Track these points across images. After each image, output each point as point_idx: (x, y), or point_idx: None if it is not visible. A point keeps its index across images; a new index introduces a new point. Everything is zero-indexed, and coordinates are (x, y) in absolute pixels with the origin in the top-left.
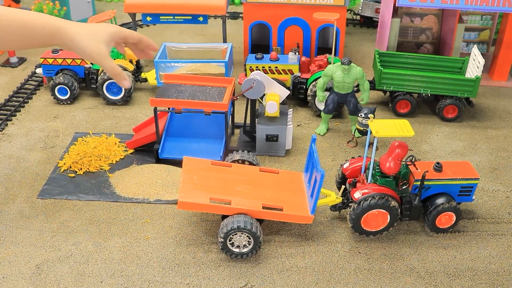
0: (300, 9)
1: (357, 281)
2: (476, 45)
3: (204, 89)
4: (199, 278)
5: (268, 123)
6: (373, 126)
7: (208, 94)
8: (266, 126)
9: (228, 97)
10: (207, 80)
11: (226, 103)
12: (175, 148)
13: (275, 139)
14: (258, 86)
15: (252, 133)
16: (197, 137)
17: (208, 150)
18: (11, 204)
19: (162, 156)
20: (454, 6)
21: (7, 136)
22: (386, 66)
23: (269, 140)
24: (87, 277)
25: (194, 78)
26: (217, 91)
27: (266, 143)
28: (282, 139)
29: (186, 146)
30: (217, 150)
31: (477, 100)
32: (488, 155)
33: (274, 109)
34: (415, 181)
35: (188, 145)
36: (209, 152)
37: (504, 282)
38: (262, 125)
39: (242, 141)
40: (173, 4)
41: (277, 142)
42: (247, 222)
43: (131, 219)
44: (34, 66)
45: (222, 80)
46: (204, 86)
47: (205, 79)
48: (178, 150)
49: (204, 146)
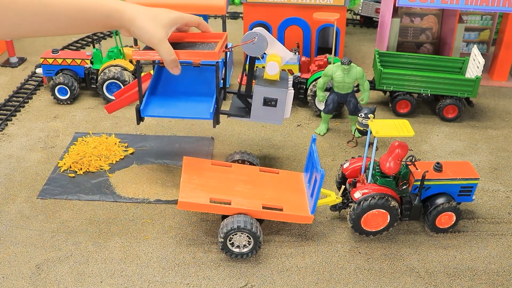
0: (300, 9)
1: (357, 281)
2: (476, 45)
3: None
4: (199, 278)
5: (267, 85)
6: (373, 126)
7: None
8: (264, 88)
9: (220, 47)
10: (197, 36)
11: (217, 51)
12: (160, 106)
13: (274, 104)
14: (260, 42)
15: (248, 97)
16: (184, 94)
17: (196, 108)
18: (11, 204)
19: (144, 114)
20: (454, 6)
21: (7, 136)
22: (386, 66)
23: (266, 104)
24: (87, 277)
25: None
26: (209, 46)
27: (263, 108)
28: (281, 105)
29: (172, 104)
30: (206, 108)
31: (477, 100)
32: (488, 155)
33: (275, 70)
34: (415, 181)
35: (175, 103)
36: (197, 110)
37: (504, 282)
38: (260, 86)
39: (236, 106)
40: (173, 4)
41: (275, 108)
42: (247, 222)
43: (131, 219)
44: (34, 66)
45: (213, 35)
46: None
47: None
48: (162, 108)
49: (193, 104)
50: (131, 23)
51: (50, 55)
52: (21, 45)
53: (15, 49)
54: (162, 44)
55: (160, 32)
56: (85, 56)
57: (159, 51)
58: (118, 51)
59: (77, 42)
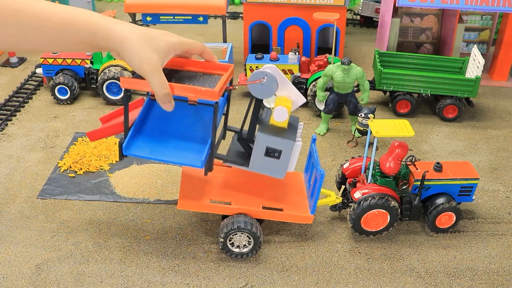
0: (300, 9)
1: (357, 281)
2: (476, 45)
3: (193, 75)
4: (199, 278)
5: (272, 133)
6: (373, 126)
7: (197, 81)
8: (268, 136)
9: (222, 85)
10: (199, 65)
11: (218, 90)
12: (145, 145)
13: (277, 156)
14: (270, 83)
15: (249, 142)
16: (175, 134)
17: (186, 154)
18: (11, 204)
19: (126, 153)
20: (454, 6)
21: (7, 136)
22: (386, 66)
23: (269, 155)
24: (87, 277)
25: (182, 61)
26: (210, 78)
27: (264, 159)
28: (285, 158)
29: (160, 144)
30: (197, 155)
31: (477, 100)
32: (488, 155)
33: (283, 117)
34: (415, 181)
35: (163, 144)
36: (187, 156)
37: (504, 282)
38: (263, 134)
39: (234, 150)
40: (173, 4)
41: (278, 160)
42: (247, 222)
43: (131, 219)
44: (34, 66)
45: (218, 66)
46: (194, 72)
47: (197, 64)
48: (148, 148)
49: (183, 148)
50: (120, 45)
51: (50, 55)
52: None
53: None
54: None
55: (154, 59)
56: (85, 56)
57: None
58: None
59: None
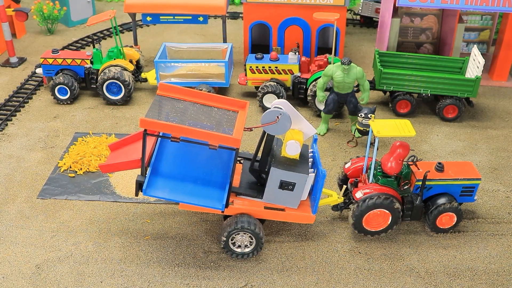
0: (300, 9)
1: (357, 281)
2: (476, 45)
3: (209, 111)
4: (199, 278)
5: (285, 167)
6: (375, 126)
7: (214, 118)
8: (282, 171)
9: (240, 129)
10: (214, 99)
11: (239, 138)
12: (165, 185)
13: (291, 188)
14: (284, 120)
15: (261, 173)
16: (192, 174)
17: (206, 194)
18: (11, 204)
19: (147, 193)
20: (454, 6)
21: (7, 136)
22: (386, 66)
23: (283, 187)
24: (87, 277)
25: (197, 94)
26: (226, 116)
27: (278, 191)
28: (299, 189)
29: (178, 185)
30: (218, 196)
31: (477, 100)
32: (488, 155)
33: (295, 151)
34: (416, 181)
35: (181, 185)
36: (207, 197)
37: (504, 282)
38: (278, 169)
39: (246, 181)
40: (173, 4)
41: (292, 192)
42: (250, 222)
43: (131, 219)
44: (34, 66)
45: (233, 102)
46: (209, 106)
47: (211, 98)
48: (167, 189)
49: (202, 188)
50: None
51: (50, 55)
52: (21, 45)
53: (15, 49)
54: None
55: None
56: (85, 56)
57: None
58: (118, 51)
59: (77, 42)
